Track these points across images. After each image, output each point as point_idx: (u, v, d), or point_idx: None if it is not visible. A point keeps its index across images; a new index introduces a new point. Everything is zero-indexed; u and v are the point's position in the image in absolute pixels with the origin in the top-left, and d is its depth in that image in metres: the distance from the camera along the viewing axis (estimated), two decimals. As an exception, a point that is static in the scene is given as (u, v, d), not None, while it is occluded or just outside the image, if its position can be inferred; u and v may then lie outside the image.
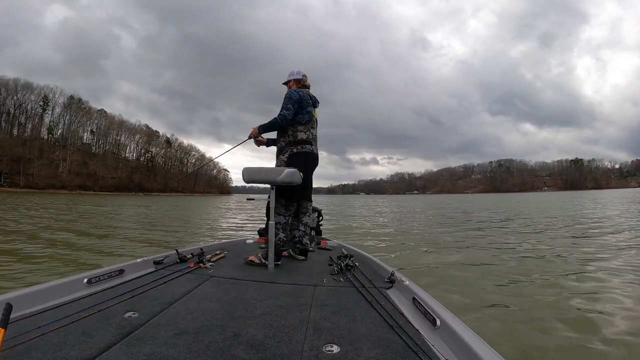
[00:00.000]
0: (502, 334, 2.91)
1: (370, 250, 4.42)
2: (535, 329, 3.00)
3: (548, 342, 2.75)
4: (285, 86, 3.57)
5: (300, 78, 3.52)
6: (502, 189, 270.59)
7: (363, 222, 14.16)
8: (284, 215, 3.18)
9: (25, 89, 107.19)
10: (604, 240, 7.90)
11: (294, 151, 3.26)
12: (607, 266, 5.21)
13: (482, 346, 1.28)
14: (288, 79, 3.56)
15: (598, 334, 2.85)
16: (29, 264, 5.29)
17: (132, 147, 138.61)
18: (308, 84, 3.56)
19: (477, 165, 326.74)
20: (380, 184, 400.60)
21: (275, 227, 3.00)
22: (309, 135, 3.32)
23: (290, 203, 3.23)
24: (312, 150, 3.34)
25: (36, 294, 1.80)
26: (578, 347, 2.67)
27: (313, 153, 3.35)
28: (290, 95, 3.27)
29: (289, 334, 1.55)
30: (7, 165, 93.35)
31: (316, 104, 3.51)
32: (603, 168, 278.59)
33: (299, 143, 3.27)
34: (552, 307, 3.50)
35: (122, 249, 7.02)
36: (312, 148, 3.33)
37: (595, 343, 2.70)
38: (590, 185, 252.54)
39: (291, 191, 3.17)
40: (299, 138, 3.28)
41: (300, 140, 3.28)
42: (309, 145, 3.31)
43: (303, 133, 3.29)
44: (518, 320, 3.19)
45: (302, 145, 3.27)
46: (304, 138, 3.29)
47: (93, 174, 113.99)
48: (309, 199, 3.55)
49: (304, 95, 3.33)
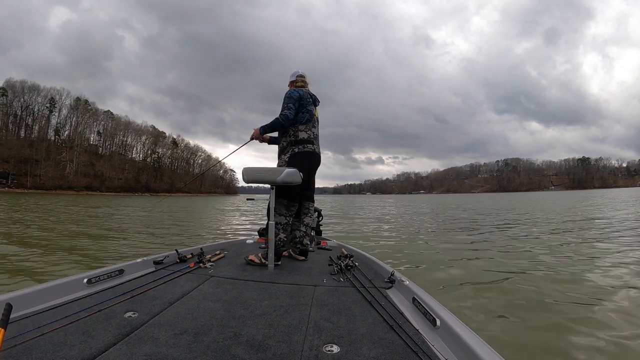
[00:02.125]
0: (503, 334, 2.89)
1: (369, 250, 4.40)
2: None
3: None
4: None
5: (295, 80, 3.52)
6: (509, 189, 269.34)
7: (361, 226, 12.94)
8: (284, 216, 3.18)
9: (32, 91, 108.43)
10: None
11: (296, 151, 3.25)
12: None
13: (482, 346, 1.28)
14: (290, 80, 3.58)
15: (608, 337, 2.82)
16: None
17: (138, 148, 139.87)
18: (301, 85, 3.51)
19: (484, 165, 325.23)
20: (387, 184, 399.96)
21: (276, 228, 3.00)
22: (310, 134, 3.31)
23: (292, 203, 3.23)
24: (314, 150, 3.33)
25: (36, 294, 1.81)
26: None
27: (315, 152, 3.35)
28: (291, 95, 3.27)
29: (289, 334, 1.54)
30: (15, 166, 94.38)
31: (316, 102, 3.50)
32: (610, 167, 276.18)
33: (300, 142, 3.26)
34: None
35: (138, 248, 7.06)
36: (313, 147, 3.33)
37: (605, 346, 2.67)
38: (597, 184, 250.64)
39: (293, 191, 3.17)
40: (300, 137, 3.27)
41: (302, 140, 3.27)
42: (311, 144, 3.30)
43: (304, 132, 3.28)
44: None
45: (303, 144, 3.27)
46: (305, 137, 3.28)
47: (100, 174, 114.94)
48: (311, 199, 3.53)
49: (303, 94, 3.32)
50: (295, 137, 3.27)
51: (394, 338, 1.51)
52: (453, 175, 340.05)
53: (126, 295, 1.95)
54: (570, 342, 2.73)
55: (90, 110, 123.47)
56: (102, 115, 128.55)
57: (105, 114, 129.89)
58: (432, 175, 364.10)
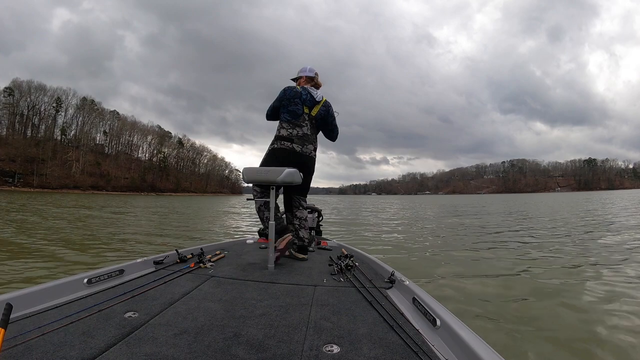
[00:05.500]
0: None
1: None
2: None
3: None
4: (295, 82, 3.62)
5: (312, 76, 3.58)
6: (514, 190, 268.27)
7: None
8: (304, 209, 3.45)
9: (39, 91, 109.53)
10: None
11: (275, 147, 3.35)
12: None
13: (483, 346, 1.27)
14: (299, 75, 3.61)
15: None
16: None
17: (144, 147, 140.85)
18: (320, 83, 3.62)
19: (490, 166, 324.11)
20: (392, 184, 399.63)
21: (301, 223, 3.33)
22: (292, 132, 3.33)
23: (305, 198, 3.50)
24: (293, 148, 3.32)
25: (36, 294, 1.81)
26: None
27: (292, 150, 3.32)
28: (279, 92, 3.42)
29: (289, 334, 1.54)
30: (21, 165, 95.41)
31: (307, 102, 3.41)
32: (617, 168, 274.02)
33: (278, 139, 3.35)
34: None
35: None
36: (292, 145, 3.32)
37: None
38: (603, 185, 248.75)
39: (305, 185, 3.38)
40: (280, 134, 3.36)
41: (281, 137, 3.34)
42: (289, 142, 3.32)
43: (285, 130, 3.34)
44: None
45: (281, 141, 3.33)
46: (285, 135, 3.34)
47: (106, 174, 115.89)
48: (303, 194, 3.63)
49: (290, 94, 3.37)
50: (277, 132, 3.38)
51: (394, 338, 1.50)
52: (459, 176, 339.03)
53: (126, 295, 1.95)
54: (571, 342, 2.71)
55: (97, 110, 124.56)
56: (108, 115, 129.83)
57: (111, 113, 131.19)
58: (437, 175, 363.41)
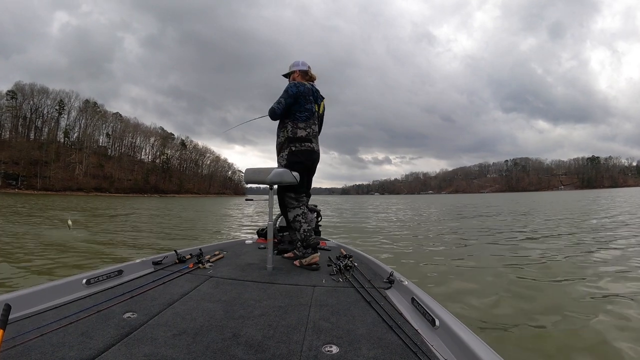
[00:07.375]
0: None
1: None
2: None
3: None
4: (287, 79, 3.42)
5: (306, 69, 3.35)
6: (518, 188, 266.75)
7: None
8: (298, 207, 3.18)
9: (41, 94, 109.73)
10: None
11: (293, 149, 3.16)
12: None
13: (482, 346, 1.28)
14: (291, 70, 3.38)
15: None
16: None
17: (147, 149, 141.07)
18: (314, 76, 3.39)
19: (493, 164, 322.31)
20: (395, 184, 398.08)
21: (297, 221, 3.09)
22: (310, 131, 3.21)
23: (299, 196, 3.24)
24: (313, 148, 3.24)
25: (35, 294, 1.81)
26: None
27: (314, 150, 3.26)
28: (288, 89, 3.16)
29: (288, 334, 1.55)
30: (24, 168, 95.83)
31: (318, 99, 3.36)
32: (620, 166, 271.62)
33: (298, 140, 3.16)
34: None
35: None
36: (312, 145, 3.23)
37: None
38: (607, 183, 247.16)
39: (296, 185, 3.14)
40: (298, 135, 3.16)
41: (300, 138, 3.17)
42: (309, 142, 3.20)
43: (303, 130, 3.17)
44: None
45: (301, 142, 3.17)
46: (304, 135, 3.17)
47: (109, 176, 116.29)
48: (307, 194, 3.51)
49: (303, 90, 3.18)
50: (293, 134, 3.16)
51: (393, 338, 1.50)
52: (462, 175, 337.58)
53: (125, 295, 1.95)
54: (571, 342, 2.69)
55: (99, 112, 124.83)
56: (111, 117, 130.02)
57: (114, 115, 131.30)
58: (440, 175, 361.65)
